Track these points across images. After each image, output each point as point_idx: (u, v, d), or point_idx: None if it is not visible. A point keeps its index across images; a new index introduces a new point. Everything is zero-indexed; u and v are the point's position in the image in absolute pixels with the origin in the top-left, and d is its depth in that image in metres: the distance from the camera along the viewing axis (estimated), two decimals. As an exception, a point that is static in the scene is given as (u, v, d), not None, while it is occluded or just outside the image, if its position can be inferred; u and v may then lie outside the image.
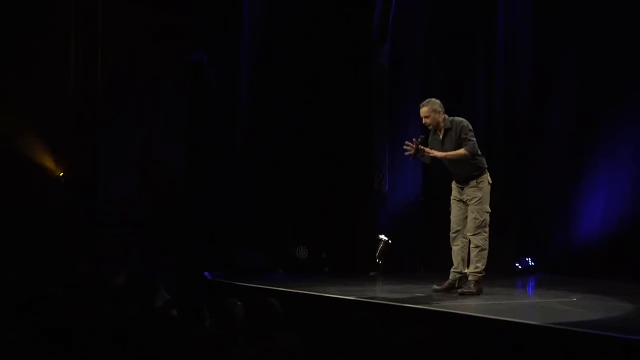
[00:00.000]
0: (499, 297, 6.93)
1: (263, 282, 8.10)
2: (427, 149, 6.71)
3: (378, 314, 3.82)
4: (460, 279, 6.80)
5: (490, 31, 9.62)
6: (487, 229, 6.73)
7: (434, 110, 6.77)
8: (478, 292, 6.66)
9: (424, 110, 6.80)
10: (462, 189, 6.79)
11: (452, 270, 6.83)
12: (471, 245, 6.73)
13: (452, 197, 6.91)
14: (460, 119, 6.86)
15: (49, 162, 9.58)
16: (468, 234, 6.74)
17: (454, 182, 6.90)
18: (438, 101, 6.85)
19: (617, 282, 7.70)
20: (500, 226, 9.33)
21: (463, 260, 6.78)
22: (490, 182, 6.81)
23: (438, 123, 6.79)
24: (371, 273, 9.41)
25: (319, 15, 9.82)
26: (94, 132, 9.68)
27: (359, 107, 9.79)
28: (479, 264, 6.69)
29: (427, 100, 6.89)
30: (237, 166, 9.72)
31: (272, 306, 4.09)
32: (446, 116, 6.83)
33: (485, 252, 6.71)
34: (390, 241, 9.53)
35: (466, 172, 6.77)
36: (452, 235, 6.88)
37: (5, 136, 9.34)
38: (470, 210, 6.73)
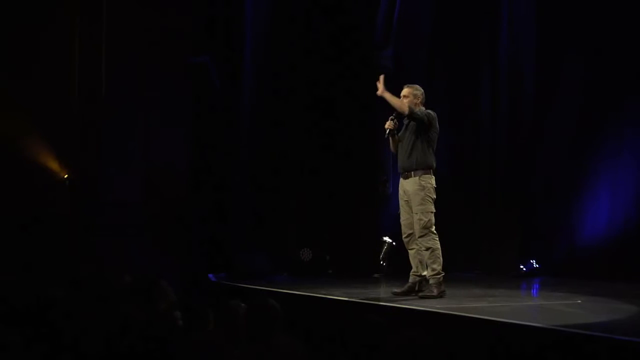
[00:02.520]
0: (503, 299, 6.91)
1: (267, 284, 8.10)
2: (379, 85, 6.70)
3: (382, 316, 3.81)
4: (420, 282, 6.75)
5: (494, 34, 9.62)
6: (433, 229, 6.64)
7: (414, 94, 6.80)
8: (440, 295, 6.55)
9: (405, 90, 6.83)
10: (405, 187, 6.73)
11: (411, 273, 6.77)
12: (422, 249, 6.66)
13: (399, 198, 6.85)
14: (431, 111, 6.83)
15: (52, 164, 9.59)
16: (416, 237, 6.69)
17: (400, 179, 6.86)
18: (422, 90, 6.85)
19: (621, 284, 7.68)
20: (505, 228, 9.36)
21: (421, 262, 6.72)
22: (435, 186, 6.70)
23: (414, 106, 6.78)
24: (375, 275, 9.40)
25: (322, 18, 9.81)
26: (98, 133, 9.69)
27: (363, 109, 9.78)
28: (434, 265, 6.60)
29: (414, 85, 6.91)
30: (240, 168, 9.73)
31: (271, 307, 4.08)
32: (423, 108, 6.81)
33: (438, 252, 6.61)
34: (394, 243, 9.52)
35: (410, 163, 6.68)
36: (405, 239, 6.80)
37: (9, 137, 9.35)
38: (414, 211, 6.67)
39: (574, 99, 8.96)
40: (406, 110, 6.64)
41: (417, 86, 6.89)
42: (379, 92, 6.74)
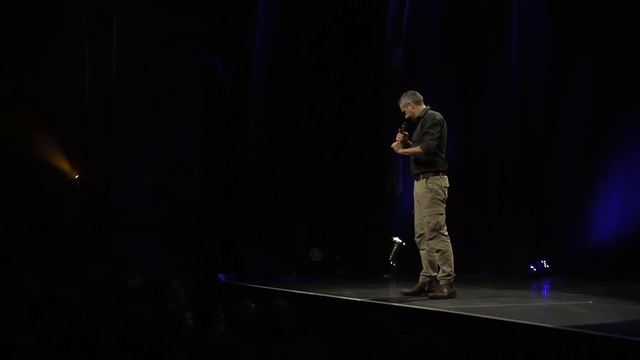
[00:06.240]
0: (514, 299, 6.89)
1: (277, 284, 8.10)
2: (393, 145, 6.81)
3: (392, 316, 3.80)
4: (430, 282, 6.74)
5: (504, 34, 9.59)
6: (443, 230, 6.64)
7: (407, 104, 6.83)
8: (450, 296, 6.56)
9: (400, 105, 6.88)
10: (416, 189, 6.78)
11: (421, 273, 6.77)
12: (432, 250, 6.66)
13: (414, 198, 6.88)
14: (435, 112, 6.84)
15: (63, 165, 9.63)
16: (426, 238, 6.69)
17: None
18: (413, 93, 6.87)
19: (632, 285, 7.65)
20: (515, 228, 9.33)
21: (431, 263, 6.72)
22: (446, 185, 6.71)
23: (413, 114, 6.81)
24: (385, 275, 9.40)
25: (332, 18, 9.82)
26: (108, 134, 9.72)
27: (373, 110, 9.78)
28: (445, 267, 6.60)
29: (404, 93, 6.93)
30: (251, 169, 9.74)
31: (281, 308, 4.08)
32: (427, 107, 6.84)
33: (448, 254, 6.61)
34: (404, 243, 9.51)
35: (419, 165, 6.73)
36: (416, 239, 6.82)
37: (20, 138, 9.39)
38: (422, 214, 6.70)
39: (585, 98, 8.93)
40: (423, 152, 6.66)
41: (409, 92, 6.91)
42: (396, 150, 6.82)
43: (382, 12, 9.87)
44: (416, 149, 6.72)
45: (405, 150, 6.80)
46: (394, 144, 6.85)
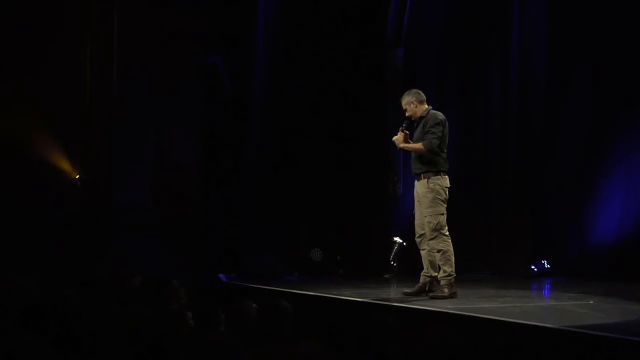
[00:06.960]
0: (515, 299, 6.89)
1: (278, 284, 8.10)
2: (395, 138, 6.87)
3: (393, 316, 3.80)
4: (430, 282, 6.75)
5: (505, 35, 9.59)
6: (444, 230, 6.66)
7: (410, 102, 6.87)
8: (451, 296, 6.57)
9: (403, 103, 6.92)
10: (416, 189, 6.81)
11: (422, 273, 6.79)
12: (433, 251, 6.67)
13: (414, 198, 6.90)
14: (437, 112, 6.87)
15: (65, 165, 9.63)
16: (427, 238, 6.69)
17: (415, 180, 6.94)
18: (417, 92, 6.91)
19: (632, 285, 7.65)
20: (516, 228, 9.32)
21: (432, 263, 6.73)
22: (447, 185, 6.73)
23: (415, 113, 6.85)
24: (386, 275, 9.40)
25: (333, 19, 9.82)
26: (109, 134, 9.73)
27: (373, 110, 9.78)
28: (445, 267, 6.62)
29: (407, 91, 6.96)
30: (252, 169, 9.73)
31: (283, 308, 4.08)
32: (429, 107, 6.88)
33: (449, 254, 6.63)
34: (404, 243, 9.51)
35: (419, 166, 6.77)
36: (417, 239, 6.84)
37: (21, 138, 9.39)
38: (423, 214, 6.72)
39: (585, 98, 8.93)
40: (425, 149, 6.68)
41: (412, 91, 6.96)
42: (397, 144, 6.87)
43: (383, 13, 9.86)
44: (418, 145, 6.74)
45: (406, 145, 6.82)
46: (395, 137, 6.85)
